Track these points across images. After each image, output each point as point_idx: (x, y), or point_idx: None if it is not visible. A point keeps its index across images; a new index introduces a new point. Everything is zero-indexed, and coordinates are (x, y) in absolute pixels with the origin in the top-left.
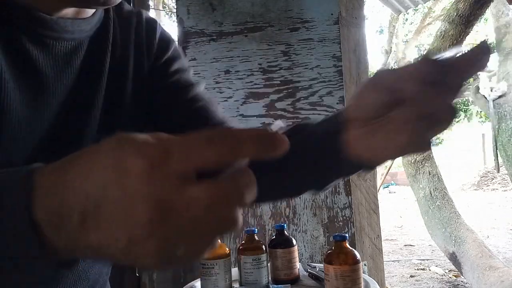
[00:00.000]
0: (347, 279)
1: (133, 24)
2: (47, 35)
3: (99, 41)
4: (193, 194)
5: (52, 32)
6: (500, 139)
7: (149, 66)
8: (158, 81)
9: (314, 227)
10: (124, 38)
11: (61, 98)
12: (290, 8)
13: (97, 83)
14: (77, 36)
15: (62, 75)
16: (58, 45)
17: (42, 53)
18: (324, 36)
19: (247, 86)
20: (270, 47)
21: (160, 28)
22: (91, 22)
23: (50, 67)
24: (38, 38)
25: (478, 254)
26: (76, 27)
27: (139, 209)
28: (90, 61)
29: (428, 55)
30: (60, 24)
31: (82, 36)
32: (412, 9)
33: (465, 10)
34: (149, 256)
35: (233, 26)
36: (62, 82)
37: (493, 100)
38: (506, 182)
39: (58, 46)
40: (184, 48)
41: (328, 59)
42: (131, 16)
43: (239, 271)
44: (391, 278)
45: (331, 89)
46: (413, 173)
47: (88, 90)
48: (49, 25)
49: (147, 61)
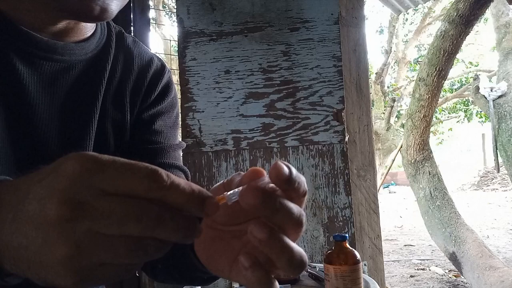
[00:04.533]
0: (347, 279)
1: (139, 66)
2: (36, 54)
3: (96, 67)
4: (108, 204)
5: (41, 52)
6: (500, 139)
7: (141, 108)
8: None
9: (314, 227)
10: (124, 74)
11: (46, 116)
12: (290, 8)
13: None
14: (68, 58)
15: (47, 94)
16: (45, 64)
17: (28, 70)
18: (324, 36)
19: (247, 86)
20: (270, 47)
21: (167, 75)
22: (85, 47)
23: (34, 84)
24: (26, 55)
25: (478, 254)
26: (67, 50)
27: (54, 203)
28: (84, 85)
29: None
30: (50, 45)
31: (73, 59)
32: (412, 9)
33: (465, 10)
34: (62, 265)
35: (233, 26)
36: (47, 100)
37: (493, 100)
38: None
39: (45, 65)
40: (184, 48)
41: (328, 59)
42: (141, 58)
43: None
44: (391, 278)
45: (331, 89)
46: (413, 173)
47: (81, 113)
48: (38, 44)
49: (141, 103)
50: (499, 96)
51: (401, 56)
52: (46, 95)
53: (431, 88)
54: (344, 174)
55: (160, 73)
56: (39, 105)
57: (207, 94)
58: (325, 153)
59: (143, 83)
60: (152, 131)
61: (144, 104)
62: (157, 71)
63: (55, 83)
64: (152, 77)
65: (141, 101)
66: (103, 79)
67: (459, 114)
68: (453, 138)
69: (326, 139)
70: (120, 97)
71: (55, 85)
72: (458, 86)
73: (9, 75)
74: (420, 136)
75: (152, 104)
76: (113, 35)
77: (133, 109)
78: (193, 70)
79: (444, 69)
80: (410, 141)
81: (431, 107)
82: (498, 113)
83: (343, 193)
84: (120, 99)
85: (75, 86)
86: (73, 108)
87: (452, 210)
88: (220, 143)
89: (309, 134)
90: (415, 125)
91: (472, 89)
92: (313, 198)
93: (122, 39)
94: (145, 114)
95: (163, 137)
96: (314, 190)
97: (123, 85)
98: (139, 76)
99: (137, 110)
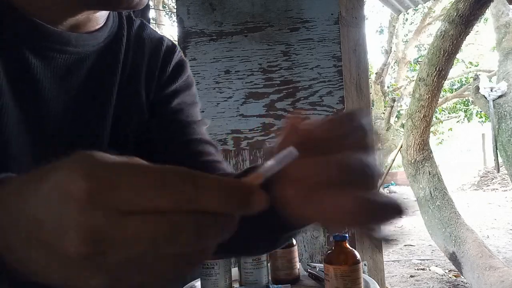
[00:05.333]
0: (347, 279)
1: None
2: (49, 47)
3: (109, 56)
4: (132, 227)
5: (55, 44)
6: (500, 139)
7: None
8: (160, 111)
9: (314, 227)
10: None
11: (60, 109)
12: (290, 8)
13: (105, 100)
14: (81, 50)
15: (60, 87)
16: (59, 57)
17: (41, 64)
18: (324, 36)
19: (247, 86)
20: (270, 47)
21: (178, 55)
22: (97, 37)
23: (47, 78)
24: (39, 49)
25: (478, 254)
26: (81, 41)
27: (71, 238)
28: (97, 76)
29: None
30: (64, 36)
31: (86, 50)
32: (412, 9)
33: (465, 10)
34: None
35: (233, 26)
36: (61, 94)
37: (493, 100)
38: (506, 182)
39: (59, 59)
40: (184, 48)
41: (328, 59)
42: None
43: (239, 271)
44: (391, 278)
45: (331, 89)
46: (413, 173)
47: (95, 105)
48: (52, 37)
49: (156, 86)
50: (499, 96)
51: (401, 56)
52: (60, 89)
53: (431, 88)
54: None
55: (171, 52)
56: (53, 99)
57: (207, 94)
58: None
59: (156, 66)
60: (171, 110)
61: (159, 85)
62: (168, 51)
63: (69, 76)
64: (163, 59)
65: (156, 84)
66: (118, 68)
67: (459, 114)
68: (453, 138)
69: None
70: (135, 85)
71: (69, 78)
72: (458, 86)
73: (22, 70)
74: (420, 136)
75: (167, 84)
76: (124, 21)
77: (148, 94)
78: (193, 70)
79: (444, 69)
80: (410, 141)
81: (431, 107)
82: (498, 113)
83: None
84: (135, 87)
85: (88, 78)
86: (87, 100)
87: (452, 210)
88: (220, 143)
89: None
90: (415, 125)
91: (472, 89)
92: None
93: (132, 24)
94: (161, 94)
95: (184, 115)
96: None
97: (136, 72)
98: (151, 59)
99: (153, 93)
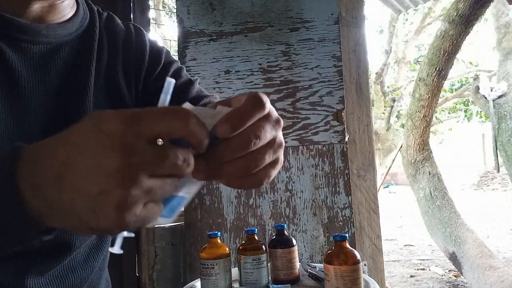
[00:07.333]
0: (347, 279)
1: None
2: (22, 38)
3: (83, 46)
4: (156, 151)
5: (27, 36)
6: (500, 139)
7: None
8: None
9: (314, 227)
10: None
11: (40, 98)
12: (290, 8)
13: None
14: (53, 40)
15: (37, 77)
16: (33, 48)
17: (16, 55)
18: (324, 36)
19: (247, 86)
20: (270, 47)
21: (149, 39)
22: (68, 27)
23: (25, 68)
24: (13, 41)
25: (478, 254)
26: (51, 31)
27: (111, 158)
28: (73, 65)
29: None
30: (33, 27)
31: (59, 41)
32: (412, 9)
33: (465, 10)
34: (112, 210)
35: (233, 26)
36: (39, 84)
37: (493, 100)
38: (506, 182)
39: (33, 49)
40: (184, 48)
41: (328, 59)
42: (121, 29)
43: (239, 271)
44: (391, 278)
45: (331, 89)
46: (413, 173)
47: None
48: (23, 28)
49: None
50: (499, 96)
51: (401, 56)
52: (37, 78)
53: (431, 88)
54: (344, 174)
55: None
56: (32, 88)
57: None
58: (325, 153)
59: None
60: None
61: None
62: (138, 36)
63: (45, 66)
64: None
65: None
66: (92, 58)
67: (459, 114)
68: (453, 138)
69: (326, 139)
70: (112, 74)
71: (45, 67)
72: (458, 86)
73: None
74: (420, 136)
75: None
76: (96, 14)
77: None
78: (193, 70)
79: (444, 69)
80: (410, 141)
81: (431, 107)
82: (498, 113)
83: (343, 193)
84: (113, 76)
85: (65, 67)
86: (66, 89)
87: (452, 210)
88: None
89: (309, 134)
90: (415, 125)
91: (472, 89)
92: (313, 198)
93: (101, 16)
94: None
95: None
96: (314, 190)
97: (112, 61)
98: (125, 46)
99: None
